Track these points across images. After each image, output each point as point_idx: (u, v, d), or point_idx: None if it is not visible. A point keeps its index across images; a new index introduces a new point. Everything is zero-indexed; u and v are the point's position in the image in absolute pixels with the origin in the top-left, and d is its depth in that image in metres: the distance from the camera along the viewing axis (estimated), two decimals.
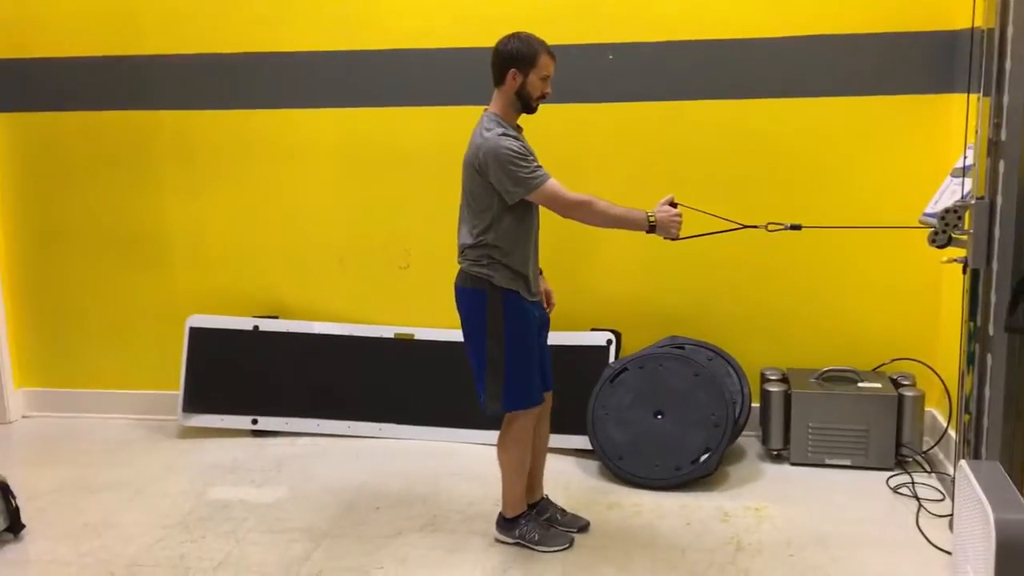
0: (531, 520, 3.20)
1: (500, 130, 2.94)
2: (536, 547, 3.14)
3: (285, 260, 4.43)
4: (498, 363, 3.00)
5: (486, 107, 3.05)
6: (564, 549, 3.14)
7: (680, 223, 2.97)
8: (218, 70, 4.29)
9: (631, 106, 4.05)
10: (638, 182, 4.08)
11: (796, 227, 3.15)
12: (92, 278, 4.56)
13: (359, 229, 4.36)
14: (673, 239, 2.99)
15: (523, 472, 3.17)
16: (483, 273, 2.98)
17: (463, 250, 3.05)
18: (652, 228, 2.95)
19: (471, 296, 3.02)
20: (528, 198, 2.92)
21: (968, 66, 3.20)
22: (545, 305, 3.24)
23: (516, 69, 2.96)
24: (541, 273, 3.24)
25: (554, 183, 2.92)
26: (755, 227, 3.16)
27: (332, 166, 4.32)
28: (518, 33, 3.00)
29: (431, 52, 4.13)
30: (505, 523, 3.20)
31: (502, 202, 2.94)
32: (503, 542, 3.18)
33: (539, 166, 2.93)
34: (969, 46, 3.41)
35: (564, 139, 4.07)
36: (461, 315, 3.08)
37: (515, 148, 2.89)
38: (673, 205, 3.00)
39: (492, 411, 3.05)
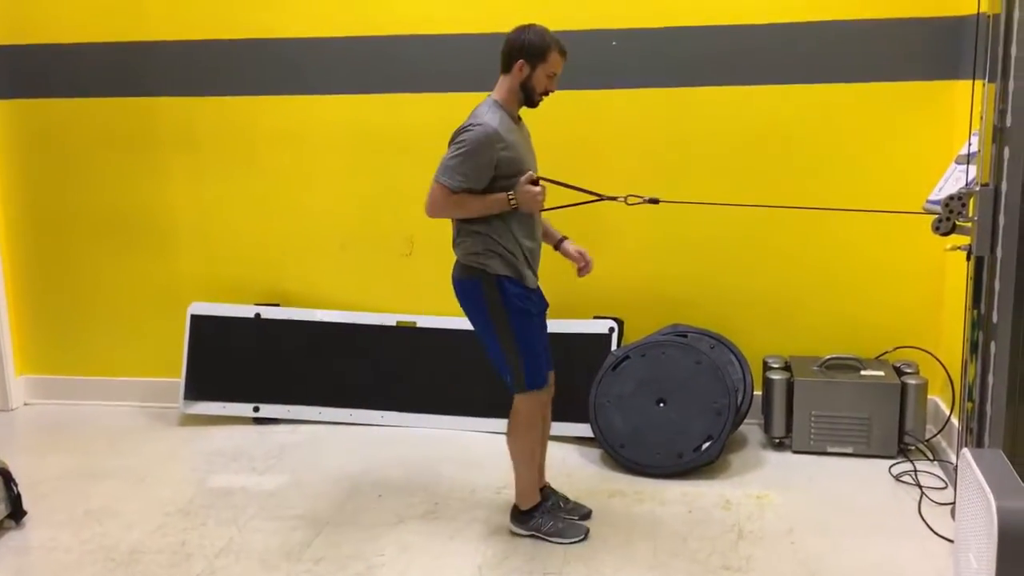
0: (546, 512, 3.19)
1: (489, 117, 2.92)
2: (551, 538, 3.12)
3: (287, 248, 4.42)
4: (512, 349, 3.00)
5: (490, 92, 3.04)
6: (579, 540, 3.12)
7: (540, 197, 2.95)
8: (221, 56, 4.28)
9: (635, 92, 4.03)
10: (643, 170, 4.06)
11: (654, 201, 3.19)
12: (94, 265, 4.56)
13: (362, 216, 4.35)
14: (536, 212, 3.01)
15: (532, 461, 3.16)
16: (477, 262, 2.97)
17: (456, 238, 3.06)
18: (515, 207, 2.93)
19: (468, 287, 3.02)
20: (432, 183, 2.92)
21: (974, 52, 3.17)
22: (583, 264, 3.23)
23: (525, 60, 2.95)
24: (566, 239, 3.25)
25: (450, 193, 2.90)
26: (614, 199, 3.17)
27: (335, 153, 4.30)
28: (533, 25, 2.99)
29: (435, 38, 4.11)
30: (520, 515, 3.17)
31: (496, 186, 2.93)
32: (518, 534, 3.16)
33: (467, 174, 2.89)
34: (975, 32, 3.37)
35: (569, 127, 4.05)
36: (463, 307, 3.07)
37: (472, 143, 2.88)
38: (535, 183, 2.97)
39: (520, 391, 3.05)
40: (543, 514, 3.17)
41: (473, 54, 4.06)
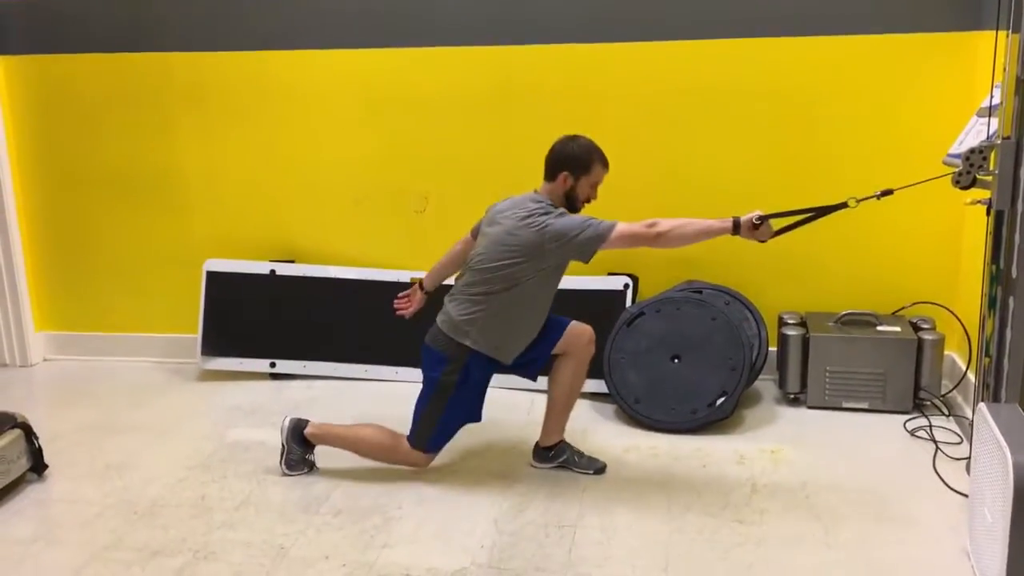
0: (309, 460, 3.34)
1: (556, 211, 2.97)
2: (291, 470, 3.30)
3: (301, 204, 4.42)
4: (434, 414, 3.13)
5: (535, 188, 3.08)
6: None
7: (768, 231, 2.96)
8: (232, 10, 4.25)
9: (649, 46, 3.98)
10: (654, 124, 4.03)
11: (887, 192, 2.97)
12: (110, 222, 4.57)
13: (376, 173, 4.34)
14: (761, 241, 3.00)
15: (353, 449, 3.29)
16: (461, 332, 3.04)
17: (464, 293, 3.08)
18: (737, 228, 2.94)
19: (434, 357, 3.11)
20: (606, 248, 2.91)
21: (997, 2, 3.11)
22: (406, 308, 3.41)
23: (569, 172, 3.01)
24: (428, 294, 3.44)
25: (622, 225, 2.91)
26: (841, 207, 3.00)
27: (349, 108, 4.28)
28: (578, 137, 3.05)
29: None
30: (303, 440, 3.29)
31: (523, 280, 2.98)
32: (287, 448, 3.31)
33: (594, 220, 2.92)
34: None
35: (576, 81, 4.01)
36: (422, 364, 3.17)
37: (572, 222, 2.92)
38: (760, 220, 2.95)
39: (416, 446, 3.18)
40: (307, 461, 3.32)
41: (485, 7, 4.02)
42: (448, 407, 3.12)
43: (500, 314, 3.03)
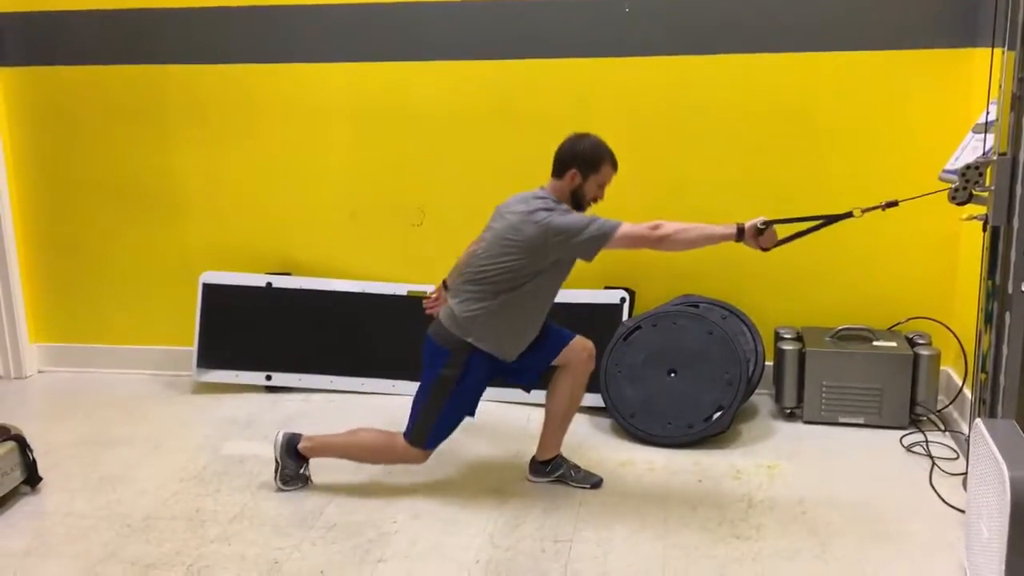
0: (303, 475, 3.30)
1: (560, 208, 2.96)
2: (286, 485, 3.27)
3: (298, 217, 4.42)
4: (433, 412, 3.10)
5: (542, 185, 3.08)
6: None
7: (772, 238, 2.94)
8: (231, 24, 4.25)
9: (646, 60, 4.00)
10: (652, 138, 4.04)
11: (892, 204, 2.96)
12: (106, 234, 4.57)
13: (372, 186, 4.34)
14: (764, 249, 2.98)
15: (349, 456, 3.28)
16: (465, 330, 3.01)
17: (466, 290, 3.06)
18: (741, 235, 2.93)
19: (436, 351, 3.08)
20: (609, 247, 2.90)
21: (993, 19, 3.13)
22: (432, 306, 3.36)
23: (577, 170, 3.01)
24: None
25: (626, 225, 2.91)
26: (846, 216, 2.99)
27: (346, 122, 4.29)
28: (588, 136, 3.05)
29: (448, 5, 4.07)
30: (297, 455, 3.26)
31: (526, 277, 2.96)
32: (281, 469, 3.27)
33: (599, 218, 2.92)
34: None
35: (578, 94, 4.03)
36: (424, 358, 3.14)
37: (577, 220, 2.92)
38: (765, 225, 2.92)
39: (414, 443, 3.14)
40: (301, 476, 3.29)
41: (485, 22, 4.03)
42: (448, 403, 3.08)
43: (502, 312, 3.01)
